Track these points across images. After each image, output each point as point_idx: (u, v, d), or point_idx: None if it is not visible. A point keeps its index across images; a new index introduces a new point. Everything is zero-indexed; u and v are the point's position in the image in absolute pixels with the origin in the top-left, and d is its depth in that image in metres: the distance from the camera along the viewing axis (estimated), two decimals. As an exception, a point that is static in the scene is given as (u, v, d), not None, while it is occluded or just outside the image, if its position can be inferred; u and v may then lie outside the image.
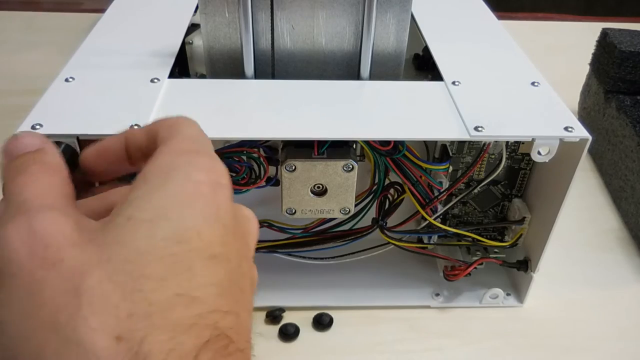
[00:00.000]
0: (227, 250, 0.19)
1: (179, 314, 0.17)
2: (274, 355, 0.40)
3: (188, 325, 0.17)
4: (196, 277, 0.18)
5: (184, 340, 0.16)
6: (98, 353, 0.15)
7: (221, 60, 0.40)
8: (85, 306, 0.16)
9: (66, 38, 0.70)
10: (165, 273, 0.17)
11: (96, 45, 0.42)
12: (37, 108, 0.34)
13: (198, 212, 0.19)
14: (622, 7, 1.54)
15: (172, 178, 0.19)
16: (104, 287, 0.16)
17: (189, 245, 0.18)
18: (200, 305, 0.17)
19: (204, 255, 0.18)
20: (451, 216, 0.45)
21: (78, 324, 0.16)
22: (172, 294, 0.17)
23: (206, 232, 0.19)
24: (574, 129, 0.34)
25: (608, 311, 0.45)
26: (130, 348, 0.16)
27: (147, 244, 0.18)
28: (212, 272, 0.18)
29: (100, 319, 0.16)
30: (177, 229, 0.18)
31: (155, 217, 0.18)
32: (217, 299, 0.18)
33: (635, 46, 0.56)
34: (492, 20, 0.50)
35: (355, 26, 0.39)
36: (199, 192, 0.19)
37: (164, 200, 0.19)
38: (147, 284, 0.17)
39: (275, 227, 0.43)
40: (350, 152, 0.37)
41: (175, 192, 0.19)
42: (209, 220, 0.19)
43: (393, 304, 0.44)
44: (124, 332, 0.16)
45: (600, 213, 0.54)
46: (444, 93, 0.38)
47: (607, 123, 0.57)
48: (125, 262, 0.17)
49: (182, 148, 0.21)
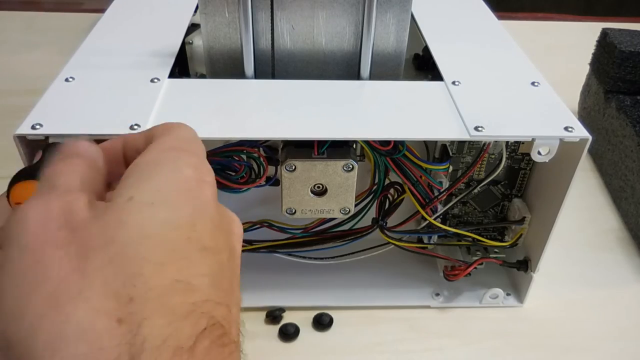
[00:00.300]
0: (217, 244, 0.20)
1: (177, 300, 0.17)
2: (274, 355, 0.40)
3: (186, 312, 0.17)
4: (193, 266, 0.18)
5: (182, 327, 0.17)
6: (99, 333, 0.15)
7: (221, 60, 0.40)
8: (88, 287, 0.16)
9: (66, 38, 0.70)
10: (165, 258, 0.17)
11: (96, 45, 0.42)
12: (37, 108, 0.34)
13: (190, 203, 0.19)
14: (622, 7, 1.54)
15: (162, 169, 0.20)
16: (107, 270, 0.17)
17: (184, 232, 0.18)
18: (196, 294, 0.18)
19: (197, 246, 0.19)
20: (451, 216, 0.45)
21: (80, 304, 0.16)
22: (171, 279, 0.17)
23: (197, 223, 0.19)
24: (574, 129, 0.34)
25: (608, 311, 0.45)
26: (130, 330, 0.16)
27: (148, 226, 0.18)
28: (205, 263, 0.19)
29: (102, 301, 0.16)
30: (175, 215, 0.19)
31: (156, 200, 0.19)
32: (210, 289, 0.18)
33: (635, 46, 0.56)
34: (492, 20, 0.50)
35: (355, 26, 0.39)
36: (187, 185, 0.20)
37: (161, 186, 0.19)
38: (147, 268, 0.17)
39: (275, 227, 0.43)
40: (350, 152, 0.37)
41: (167, 181, 0.20)
42: (199, 212, 0.20)
43: (393, 304, 0.44)
44: (124, 315, 0.16)
45: (600, 213, 0.54)
46: (444, 93, 0.38)
47: (607, 123, 0.57)
48: (127, 244, 0.17)
49: (172, 145, 0.22)
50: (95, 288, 0.16)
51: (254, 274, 0.24)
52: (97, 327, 0.16)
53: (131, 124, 0.33)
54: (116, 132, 0.32)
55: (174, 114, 0.35)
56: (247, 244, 0.43)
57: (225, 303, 0.19)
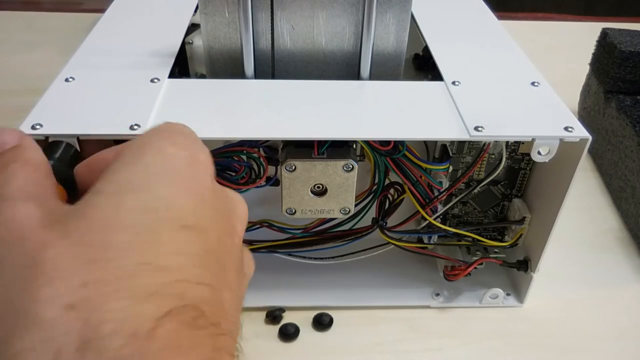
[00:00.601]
0: (203, 223, 0.19)
1: (138, 282, 0.16)
2: (274, 355, 0.40)
3: (148, 294, 0.16)
4: (163, 246, 0.17)
5: (141, 310, 0.16)
6: (43, 324, 0.15)
7: (221, 60, 0.40)
8: (39, 277, 0.16)
9: (66, 38, 0.70)
10: (129, 242, 0.17)
11: (96, 45, 0.42)
12: (37, 108, 0.34)
13: (168, 183, 0.19)
14: (622, 7, 1.54)
15: (145, 152, 0.20)
16: (61, 258, 0.16)
17: (156, 214, 0.18)
18: (166, 274, 0.17)
19: (174, 225, 0.18)
20: (451, 216, 0.46)
21: (28, 296, 0.15)
22: (134, 262, 0.17)
23: (177, 202, 0.19)
24: (574, 129, 0.34)
25: (608, 311, 0.45)
26: (79, 317, 0.15)
27: (111, 214, 0.17)
28: (183, 242, 0.18)
29: (52, 289, 0.16)
30: (144, 199, 0.18)
31: (122, 189, 0.18)
32: (188, 269, 0.18)
33: (635, 46, 0.56)
34: (492, 20, 0.50)
35: (355, 26, 0.39)
36: (171, 164, 0.20)
37: (133, 173, 0.19)
38: (107, 253, 0.16)
39: (275, 227, 0.43)
40: (350, 152, 0.37)
41: (146, 164, 0.19)
42: (181, 191, 0.19)
43: (393, 304, 0.44)
44: (77, 301, 0.15)
45: (600, 213, 0.54)
46: (444, 93, 0.38)
47: (607, 123, 0.57)
48: (87, 232, 0.17)
49: (160, 128, 0.21)
50: (47, 276, 0.16)
51: (254, 274, 0.24)
52: (43, 317, 0.15)
53: (131, 124, 0.33)
54: (116, 132, 0.32)
55: (174, 114, 0.35)
56: (247, 244, 0.43)
57: (208, 283, 0.18)
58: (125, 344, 0.15)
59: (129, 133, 0.32)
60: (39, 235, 0.17)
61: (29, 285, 0.16)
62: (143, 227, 0.17)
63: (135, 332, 0.15)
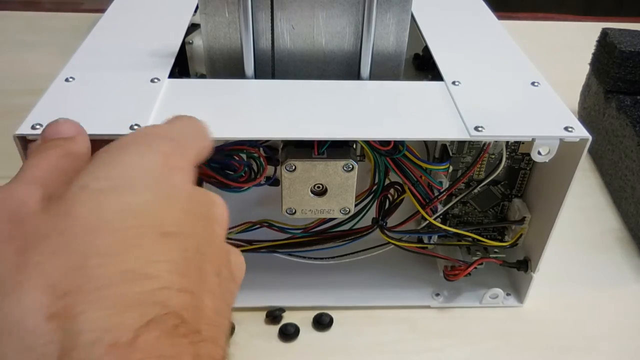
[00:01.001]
0: (183, 230, 0.19)
1: (120, 291, 0.16)
2: (274, 355, 0.40)
3: (130, 303, 0.16)
4: (147, 254, 0.17)
5: (123, 319, 0.16)
6: (23, 334, 0.15)
7: (221, 60, 0.40)
8: (24, 282, 0.16)
9: (66, 38, 0.70)
10: (113, 249, 0.17)
11: (96, 45, 0.42)
12: (37, 108, 0.34)
13: (149, 188, 0.19)
14: (622, 7, 1.54)
15: (127, 153, 0.20)
16: (48, 264, 0.16)
17: (139, 220, 0.18)
18: (149, 282, 0.17)
19: (155, 232, 0.18)
20: (451, 216, 0.46)
21: (12, 303, 0.15)
22: (117, 270, 0.17)
23: (157, 209, 0.19)
24: (574, 129, 0.34)
25: (608, 311, 0.45)
26: (60, 327, 0.15)
27: (97, 216, 0.17)
28: (164, 249, 0.18)
29: (34, 297, 0.15)
30: (128, 202, 0.18)
31: (108, 187, 0.18)
32: (170, 275, 0.17)
33: (635, 46, 0.56)
34: (492, 20, 0.50)
35: (355, 26, 0.39)
36: (150, 170, 0.19)
37: (117, 172, 0.19)
38: (92, 260, 0.16)
39: (275, 227, 0.43)
40: (350, 152, 0.37)
41: (126, 166, 0.19)
42: (160, 198, 0.19)
43: (393, 304, 0.44)
44: (59, 310, 0.15)
45: (600, 213, 0.54)
46: (444, 93, 0.38)
47: (607, 123, 0.57)
48: (73, 236, 0.17)
49: (150, 130, 0.21)
50: (32, 283, 0.16)
51: (254, 274, 0.24)
52: (24, 327, 0.15)
53: (131, 124, 0.33)
54: (116, 132, 0.32)
55: (174, 114, 0.34)
56: (247, 244, 0.43)
57: (189, 290, 0.18)
58: (106, 353, 0.15)
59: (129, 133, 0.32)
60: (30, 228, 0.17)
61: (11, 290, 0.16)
62: (126, 233, 0.17)
63: (115, 342, 0.15)
